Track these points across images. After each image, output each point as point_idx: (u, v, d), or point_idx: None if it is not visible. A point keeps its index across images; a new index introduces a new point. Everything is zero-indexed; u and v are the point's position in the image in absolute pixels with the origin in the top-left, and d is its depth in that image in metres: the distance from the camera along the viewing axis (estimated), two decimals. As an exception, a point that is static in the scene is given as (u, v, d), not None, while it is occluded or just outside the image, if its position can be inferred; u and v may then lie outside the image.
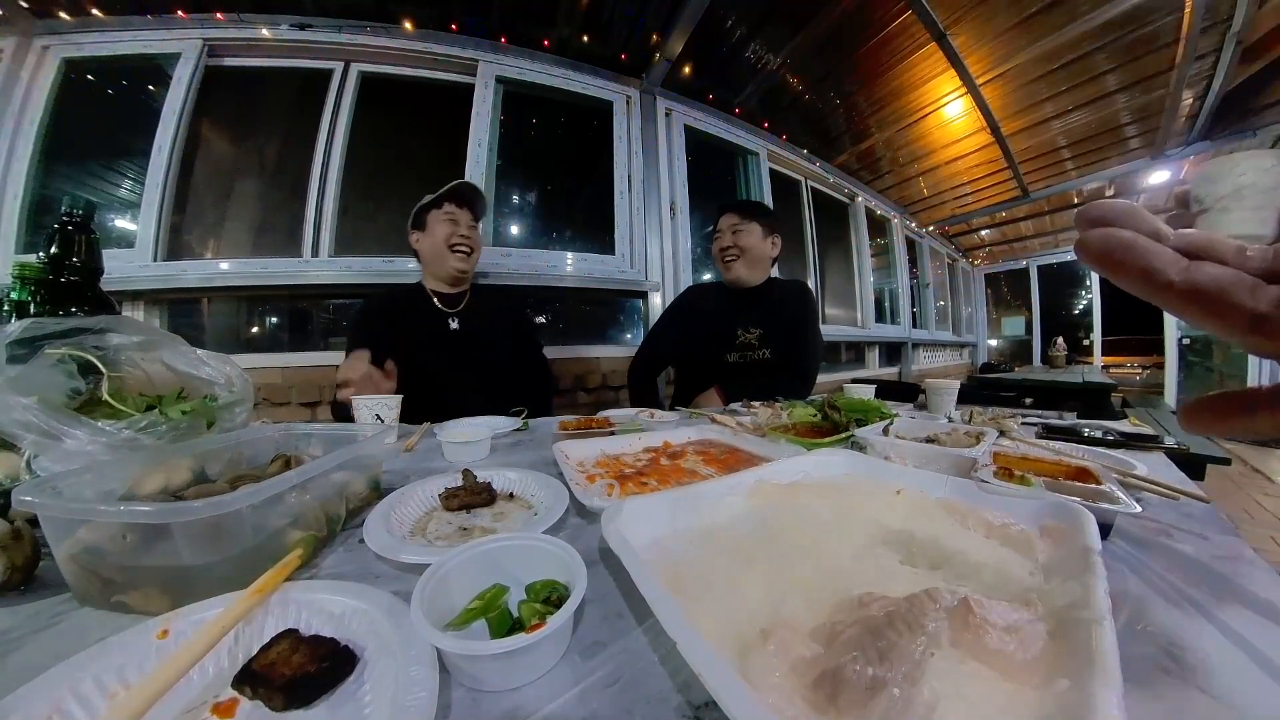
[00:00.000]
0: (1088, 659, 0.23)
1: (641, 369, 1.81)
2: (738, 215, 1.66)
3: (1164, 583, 0.39)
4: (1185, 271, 0.16)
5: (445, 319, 1.45)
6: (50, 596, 0.39)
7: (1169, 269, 0.16)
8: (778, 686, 0.25)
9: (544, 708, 0.27)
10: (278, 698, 0.27)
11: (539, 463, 0.76)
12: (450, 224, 1.40)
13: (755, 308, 1.68)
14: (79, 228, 0.71)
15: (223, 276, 1.84)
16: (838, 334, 3.67)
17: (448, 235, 1.39)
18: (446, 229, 1.40)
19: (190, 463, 0.50)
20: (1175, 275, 0.16)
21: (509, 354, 1.54)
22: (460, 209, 1.43)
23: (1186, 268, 0.16)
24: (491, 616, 0.33)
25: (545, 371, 1.66)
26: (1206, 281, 0.16)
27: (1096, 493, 0.49)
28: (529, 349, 1.63)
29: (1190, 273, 0.16)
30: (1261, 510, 2.76)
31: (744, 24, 2.28)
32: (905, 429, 0.84)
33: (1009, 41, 2.38)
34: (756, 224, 1.64)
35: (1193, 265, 0.16)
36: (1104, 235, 0.17)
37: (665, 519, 0.45)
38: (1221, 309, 0.16)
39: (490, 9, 2.11)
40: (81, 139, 1.90)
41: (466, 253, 1.42)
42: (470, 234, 1.43)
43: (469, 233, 1.42)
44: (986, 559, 0.38)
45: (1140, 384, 7.11)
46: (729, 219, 1.66)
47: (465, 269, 1.44)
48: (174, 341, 0.64)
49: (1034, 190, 4.08)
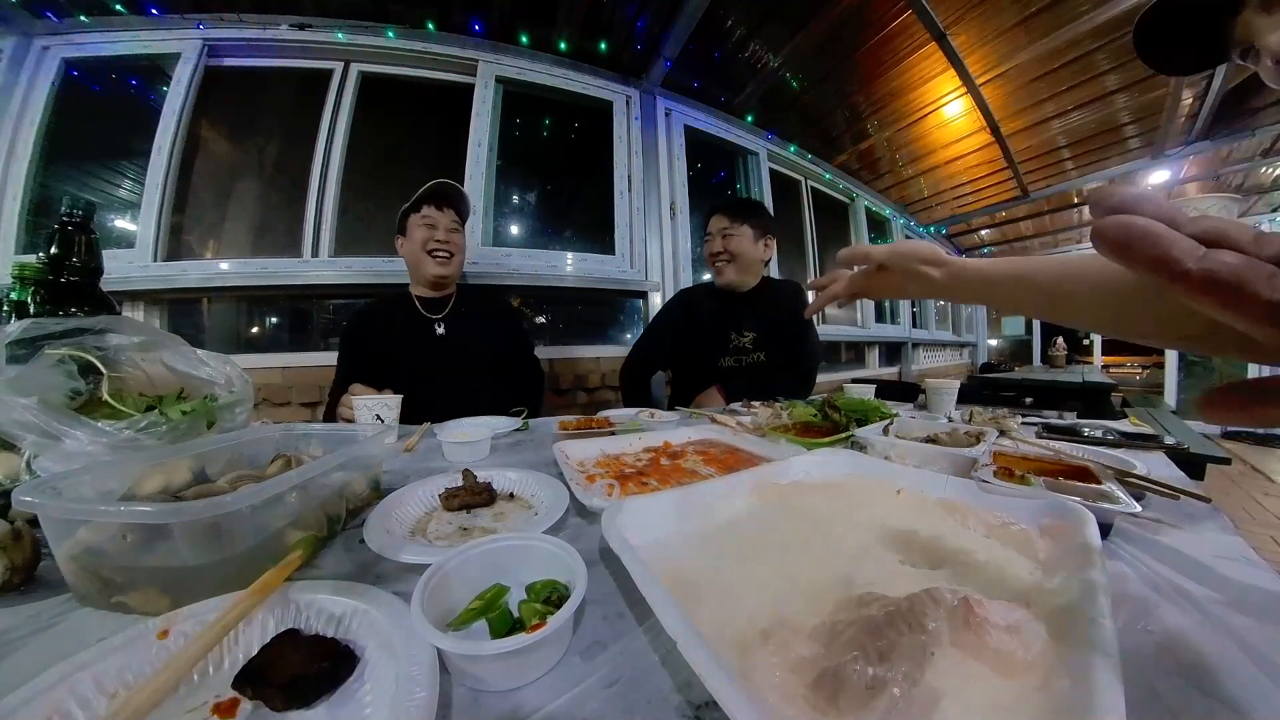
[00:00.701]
0: (1088, 659, 0.23)
1: (634, 370, 1.80)
2: (728, 218, 1.61)
3: (1164, 582, 0.39)
4: (1202, 260, 0.16)
5: (431, 325, 1.42)
6: (50, 597, 0.39)
7: (1186, 258, 0.16)
8: (778, 686, 0.25)
9: (544, 708, 0.27)
10: (278, 698, 0.27)
11: (539, 463, 0.76)
12: (427, 228, 1.37)
13: (748, 311, 1.65)
14: (79, 228, 0.71)
15: (223, 277, 1.83)
16: (838, 334, 3.67)
17: (424, 240, 1.36)
18: (423, 234, 1.36)
19: (190, 463, 0.50)
20: (1192, 264, 0.16)
21: (500, 355, 1.51)
22: (441, 210, 1.39)
23: (1203, 255, 0.16)
24: (492, 616, 0.33)
25: (536, 370, 1.63)
26: (1223, 270, 0.15)
27: (1097, 492, 0.49)
28: (519, 348, 1.59)
29: (1206, 261, 0.16)
30: (1261, 510, 2.76)
31: (743, 24, 2.28)
32: (905, 429, 0.84)
33: (1009, 41, 2.37)
34: (748, 227, 1.60)
35: (1209, 253, 0.16)
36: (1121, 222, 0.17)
37: (665, 519, 0.45)
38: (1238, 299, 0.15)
39: (490, 9, 2.10)
40: (81, 139, 1.89)
41: (446, 257, 1.39)
42: (450, 237, 1.39)
43: (447, 236, 1.38)
44: (987, 559, 0.38)
45: (1140, 384, 7.12)
46: (719, 221, 1.62)
47: (444, 274, 1.40)
48: (174, 342, 0.64)
49: (1034, 190, 4.07)
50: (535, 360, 1.64)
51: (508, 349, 1.55)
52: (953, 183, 4.07)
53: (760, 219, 1.64)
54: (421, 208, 1.38)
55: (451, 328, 1.44)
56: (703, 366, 1.66)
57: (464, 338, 1.45)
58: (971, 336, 6.39)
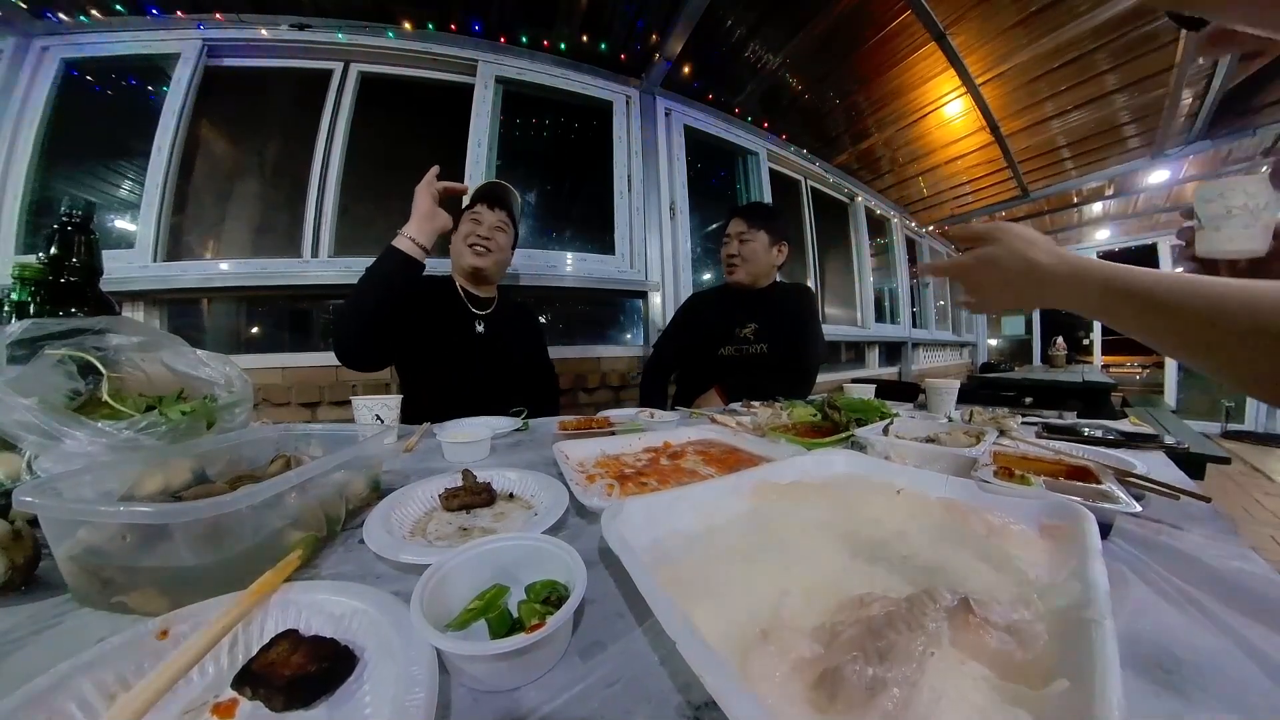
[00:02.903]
0: (1088, 659, 0.23)
1: (652, 375, 1.87)
2: (746, 223, 1.66)
3: (1164, 582, 0.39)
4: None
5: (473, 321, 1.46)
6: (50, 597, 0.39)
7: None
8: (778, 686, 0.25)
9: (544, 708, 0.27)
10: (278, 698, 0.27)
11: (539, 463, 0.76)
12: (473, 223, 1.43)
13: (754, 306, 1.70)
14: (78, 228, 0.71)
15: (222, 277, 1.83)
16: (838, 334, 3.67)
17: (467, 234, 1.42)
18: (468, 228, 1.43)
19: (190, 463, 0.50)
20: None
21: (527, 360, 1.56)
22: (491, 210, 1.44)
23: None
24: (491, 617, 0.33)
25: (553, 377, 1.69)
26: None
27: (1097, 492, 0.49)
28: (540, 356, 1.65)
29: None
30: (1261, 509, 2.76)
31: (743, 24, 2.28)
32: (905, 428, 0.84)
33: (1008, 41, 2.37)
34: (764, 233, 1.65)
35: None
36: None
37: (665, 519, 0.45)
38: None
39: (490, 9, 2.10)
40: (81, 139, 1.89)
41: (483, 250, 1.43)
42: (493, 234, 1.43)
43: (490, 233, 1.43)
44: (987, 558, 0.38)
45: (1140, 383, 7.11)
46: (737, 225, 1.67)
47: (480, 265, 1.43)
48: (174, 342, 0.64)
49: (1034, 190, 4.07)
50: (553, 367, 1.69)
51: (533, 353, 1.61)
52: (953, 182, 4.07)
53: (776, 226, 1.70)
54: (474, 205, 1.45)
55: (491, 328, 1.48)
56: (705, 357, 1.71)
57: (501, 340, 1.48)
58: (971, 336, 6.39)
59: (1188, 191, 4.17)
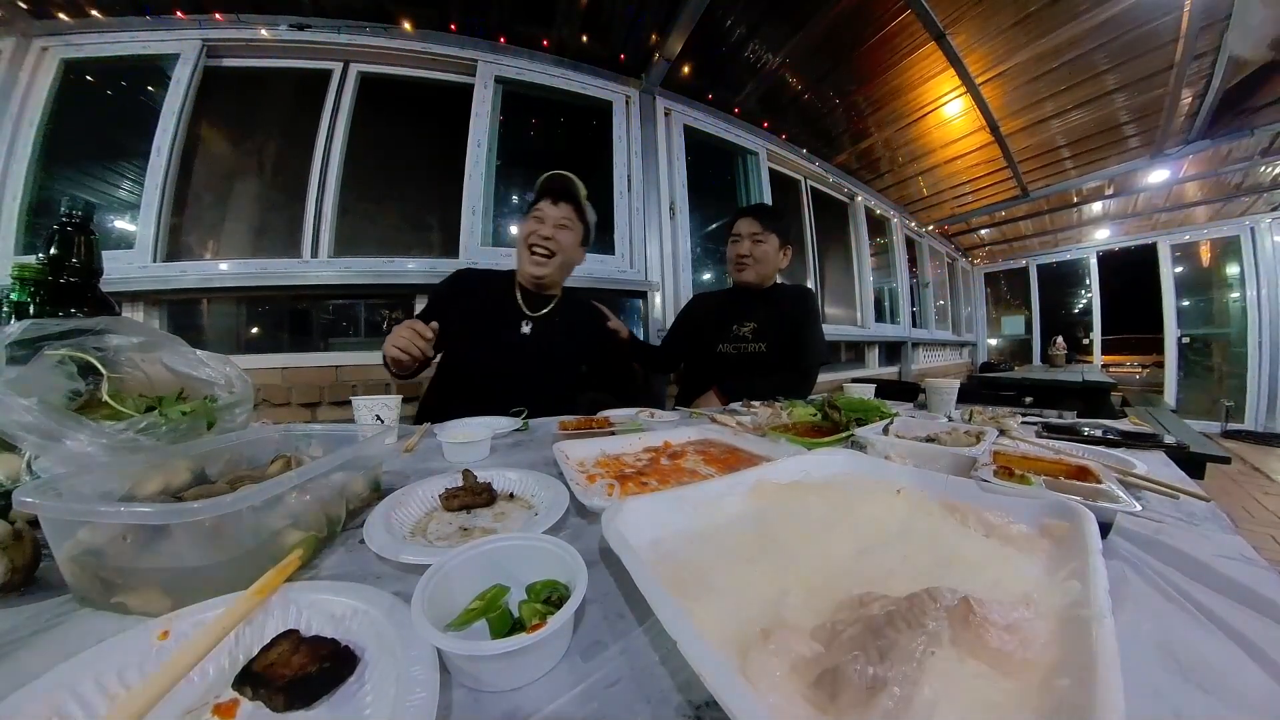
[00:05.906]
0: (1088, 658, 0.23)
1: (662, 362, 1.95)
2: (760, 224, 1.65)
3: (1164, 581, 0.39)
4: None
5: (520, 321, 1.35)
6: (51, 597, 0.39)
7: None
8: (778, 686, 0.25)
9: (545, 708, 0.27)
10: (278, 698, 0.27)
11: (539, 463, 0.76)
12: (535, 222, 1.31)
13: (754, 306, 1.71)
14: (78, 228, 0.71)
15: (222, 277, 1.83)
16: (838, 334, 3.67)
17: (528, 234, 1.30)
18: (529, 227, 1.30)
19: (190, 464, 0.50)
20: None
21: (587, 365, 1.45)
22: (555, 205, 1.31)
23: None
24: (492, 617, 0.33)
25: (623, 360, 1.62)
26: None
27: (1097, 491, 0.49)
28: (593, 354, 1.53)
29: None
30: (1261, 509, 2.76)
31: (743, 24, 2.28)
32: (905, 428, 0.84)
33: (1008, 41, 2.38)
34: (775, 236, 1.66)
35: None
36: None
37: (665, 519, 0.45)
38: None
39: (489, 9, 2.10)
40: (81, 139, 1.89)
41: (544, 256, 1.30)
42: (555, 234, 1.30)
43: (552, 233, 1.29)
44: (986, 558, 0.38)
45: (1140, 383, 7.11)
46: (750, 225, 1.66)
47: (539, 275, 1.31)
48: (173, 342, 0.64)
49: (1033, 189, 4.07)
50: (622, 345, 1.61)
51: (589, 352, 1.49)
52: (952, 182, 4.07)
53: (786, 229, 1.71)
54: (538, 201, 1.33)
55: (539, 330, 1.37)
56: (704, 354, 1.72)
57: (548, 344, 1.37)
58: (971, 336, 6.39)
59: (1188, 191, 4.17)
